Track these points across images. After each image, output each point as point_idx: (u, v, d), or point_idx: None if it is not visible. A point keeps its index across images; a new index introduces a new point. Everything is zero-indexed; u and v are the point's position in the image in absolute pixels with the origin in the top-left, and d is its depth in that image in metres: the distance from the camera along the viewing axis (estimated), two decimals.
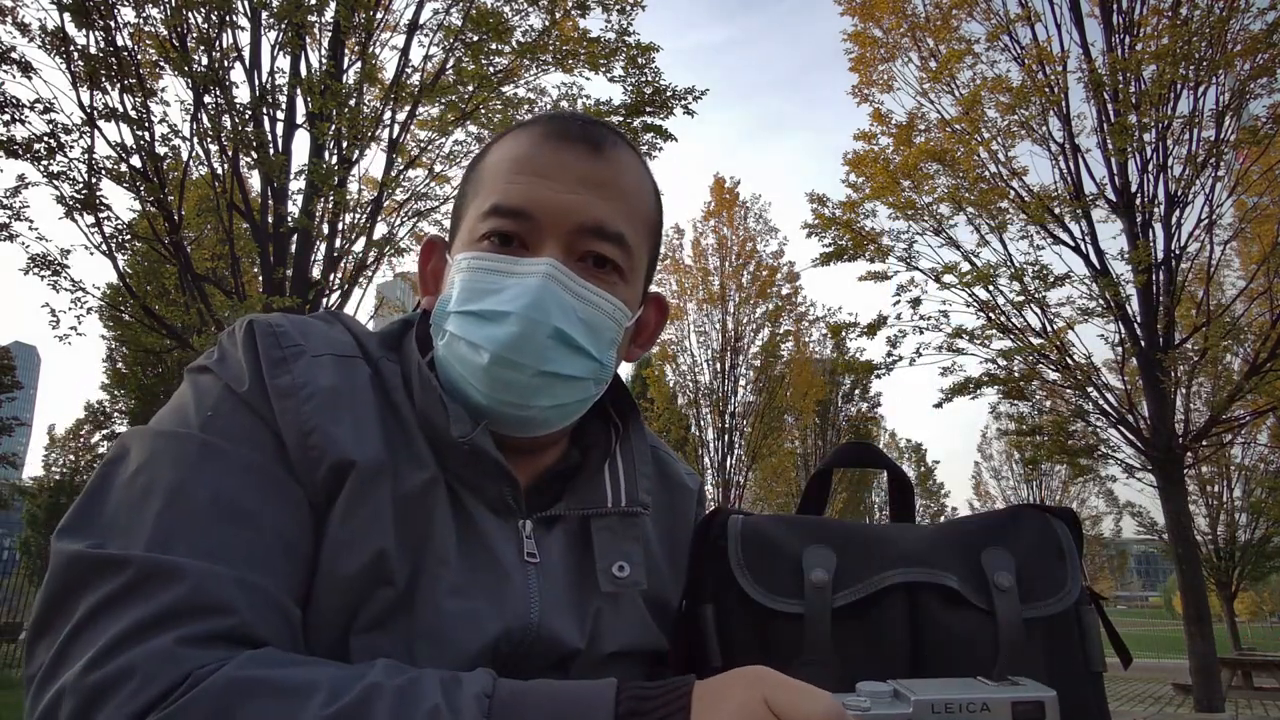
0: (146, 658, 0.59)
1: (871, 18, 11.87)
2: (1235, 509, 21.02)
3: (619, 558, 0.83)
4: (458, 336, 0.81)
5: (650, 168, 0.94)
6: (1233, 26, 9.63)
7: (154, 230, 8.69)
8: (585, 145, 0.84)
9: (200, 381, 0.77)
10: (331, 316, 0.88)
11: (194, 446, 0.71)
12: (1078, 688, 0.89)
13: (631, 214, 0.86)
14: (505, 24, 9.50)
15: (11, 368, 20.06)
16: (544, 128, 0.85)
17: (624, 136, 0.90)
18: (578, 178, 0.82)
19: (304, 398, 0.75)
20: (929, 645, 0.88)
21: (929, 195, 11.37)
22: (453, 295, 0.83)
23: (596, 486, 0.87)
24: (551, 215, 0.81)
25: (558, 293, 0.79)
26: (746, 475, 19.44)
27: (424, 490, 0.77)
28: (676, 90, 10.32)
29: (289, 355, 0.77)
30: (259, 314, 0.82)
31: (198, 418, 0.73)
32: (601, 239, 0.83)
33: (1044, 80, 10.56)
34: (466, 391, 0.82)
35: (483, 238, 0.83)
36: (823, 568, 0.90)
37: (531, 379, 0.79)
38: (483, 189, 0.85)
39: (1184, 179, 10.25)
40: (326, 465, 0.73)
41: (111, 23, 8.11)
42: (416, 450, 0.79)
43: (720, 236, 19.22)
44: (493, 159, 0.87)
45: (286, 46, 9.05)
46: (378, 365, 0.83)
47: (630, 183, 0.87)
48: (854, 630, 0.88)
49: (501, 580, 0.78)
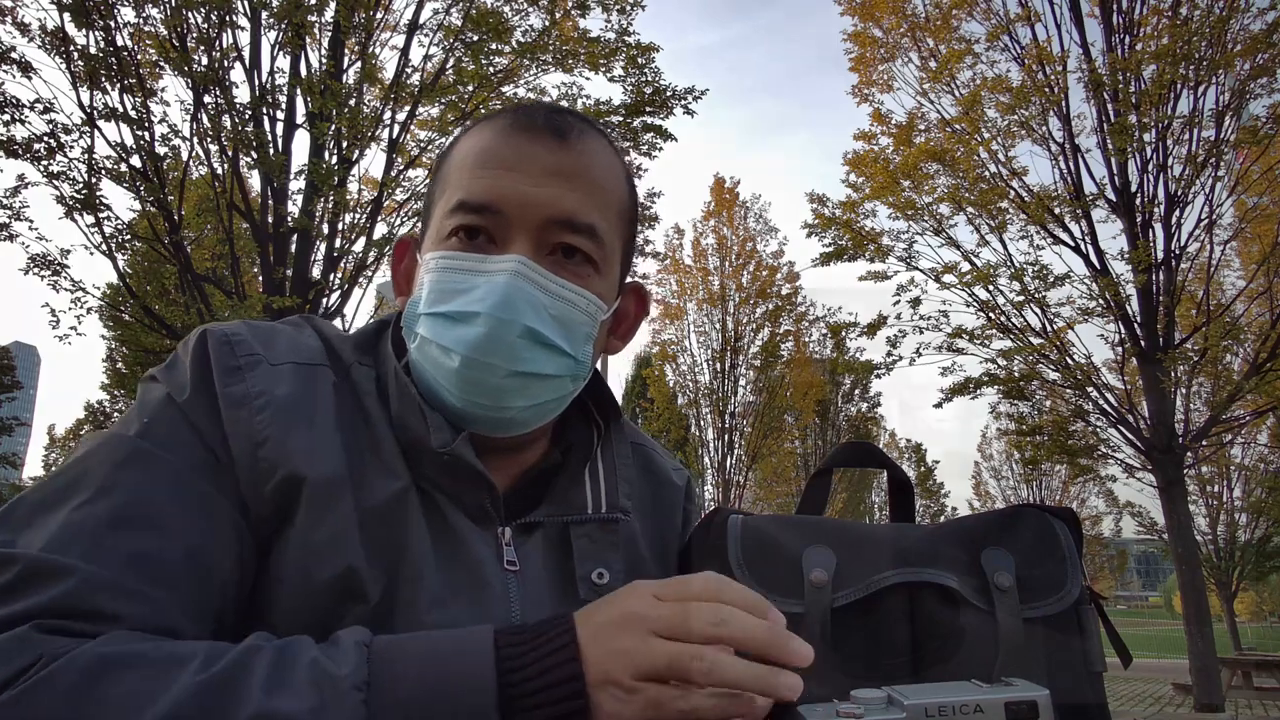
0: (2, 641, 0.57)
1: (871, 18, 11.88)
2: (1235, 509, 21.05)
3: (598, 565, 0.83)
4: (428, 339, 0.80)
5: (621, 152, 0.91)
6: (1233, 26, 9.63)
7: (154, 230, 8.69)
8: (551, 135, 0.81)
9: (147, 389, 0.76)
10: (303, 321, 0.87)
11: (124, 451, 0.70)
12: (1078, 687, 0.89)
13: (602, 203, 0.84)
14: (505, 24, 9.51)
15: (11, 368, 20.08)
16: (509, 119, 0.83)
17: (593, 123, 0.88)
18: (545, 169, 0.80)
19: (257, 407, 0.74)
20: (928, 645, 0.88)
21: (929, 195, 11.38)
22: (422, 296, 0.81)
23: (577, 491, 0.86)
24: (519, 209, 0.79)
25: (528, 290, 0.78)
26: (746, 475, 19.44)
27: (395, 501, 0.76)
28: (676, 90, 10.33)
29: (244, 364, 0.76)
30: (216, 323, 0.81)
31: (136, 424, 0.72)
32: (572, 231, 0.81)
33: (1044, 80, 10.57)
34: (441, 395, 0.80)
35: (450, 235, 0.81)
36: (822, 567, 0.90)
37: (504, 380, 0.78)
38: (449, 185, 0.83)
39: (1184, 179, 10.26)
40: (278, 478, 0.72)
41: (111, 23, 8.11)
42: (387, 459, 0.78)
43: (720, 236, 19.23)
44: (458, 153, 0.85)
45: (286, 46, 9.06)
46: (349, 371, 0.82)
47: (600, 171, 0.84)
48: (853, 630, 0.88)
49: (481, 589, 0.77)
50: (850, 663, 0.85)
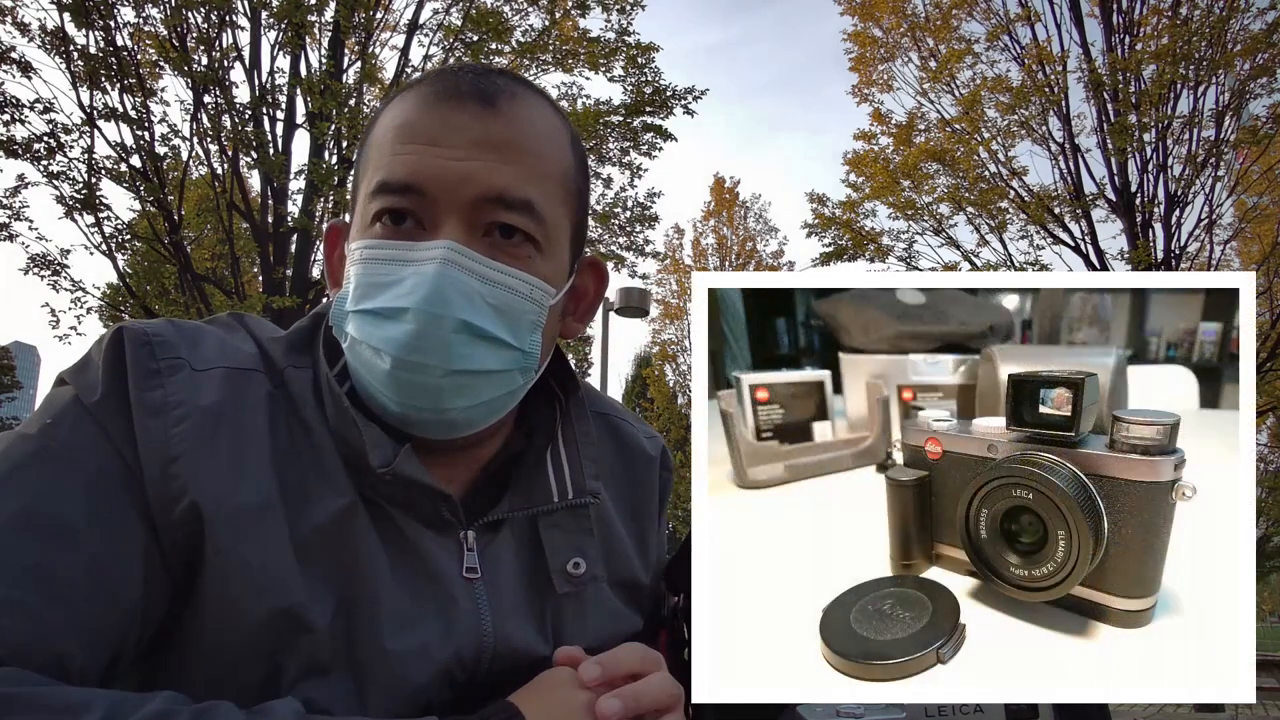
0: None
1: (871, 17, 11.88)
2: None
3: (572, 554, 0.79)
4: (358, 340, 0.72)
5: (563, 112, 0.82)
6: (1233, 26, 9.64)
7: (154, 230, 8.69)
8: (478, 101, 0.73)
9: (55, 392, 0.70)
10: (234, 321, 0.80)
11: (25, 450, 0.65)
12: None
13: (541, 174, 0.75)
14: (505, 24, 9.51)
15: (11, 368, 20.05)
16: (431, 86, 0.75)
17: (528, 84, 0.79)
18: (472, 140, 0.72)
19: (175, 418, 0.67)
20: None
21: (929, 195, 11.38)
22: (349, 292, 0.73)
23: (540, 478, 0.80)
24: (445, 187, 0.71)
25: (460, 278, 0.70)
26: None
27: (340, 519, 0.70)
28: (676, 90, 10.33)
29: (164, 368, 0.69)
30: (135, 321, 0.73)
31: (37, 424, 0.67)
32: (506, 208, 0.72)
33: (1044, 80, 10.57)
34: (378, 399, 0.74)
35: (374, 220, 0.73)
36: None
37: (442, 380, 0.71)
38: (369, 164, 0.75)
39: (1184, 179, 10.26)
40: (187, 501, 0.65)
41: (111, 23, 8.12)
42: (330, 473, 0.71)
43: (720, 236, 19.24)
44: (380, 128, 0.76)
45: (286, 46, 9.05)
46: (283, 376, 0.75)
47: (536, 138, 0.76)
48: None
49: (446, 601, 0.73)
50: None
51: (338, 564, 0.69)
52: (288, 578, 0.66)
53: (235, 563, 0.65)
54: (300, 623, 0.66)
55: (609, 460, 0.90)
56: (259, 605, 0.65)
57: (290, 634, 0.66)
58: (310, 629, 0.66)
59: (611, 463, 0.90)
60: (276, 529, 0.67)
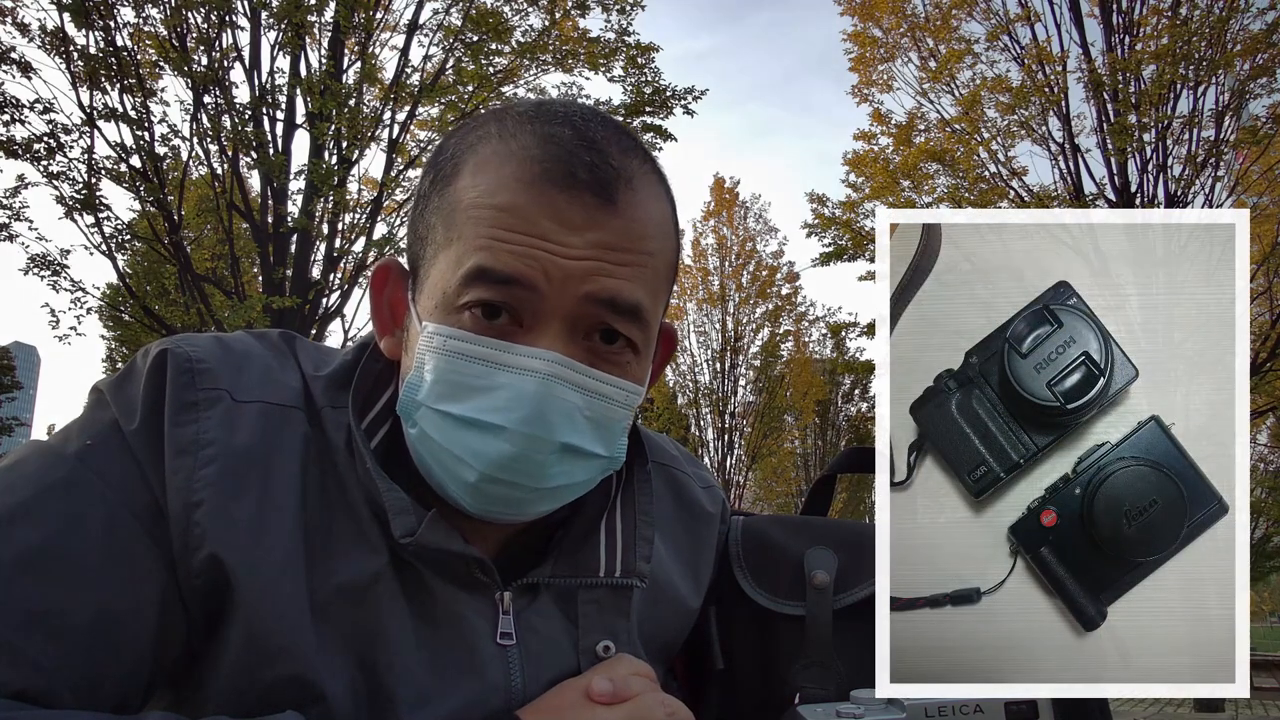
0: None
1: (871, 18, 11.88)
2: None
3: (604, 636, 0.75)
4: (436, 441, 0.67)
5: (668, 182, 0.76)
6: (1232, 26, 9.64)
7: (154, 230, 8.70)
8: (595, 194, 0.65)
9: (95, 408, 0.68)
10: (285, 345, 0.75)
11: (59, 472, 0.63)
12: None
13: (651, 274, 0.69)
14: (505, 24, 9.52)
15: (11, 368, 20.06)
16: (540, 165, 0.66)
17: (638, 153, 0.71)
18: (588, 240, 0.65)
19: (204, 459, 0.64)
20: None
21: (929, 195, 11.38)
22: (425, 382, 0.67)
23: (589, 550, 0.76)
24: (554, 285, 0.65)
25: (562, 396, 0.65)
26: (746, 475, 19.46)
27: (369, 582, 0.67)
28: (676, 90, 10.34)
29: (202, 400, 0.65)
30: (181, 343, 0.69)
31: (77, 443, 0.64)
32: (614, 313, 0.67)
33: (1044, 80, 10.57)
34: (452, 496, 0.69)
35: (464, 307, 0.66)
36: (824, 569, 0.90)
37: (529, 494, 0.68)
38: (458, 231, 0.67)
39: (1184, 179, 10.26)
40: (206, 553, 0.63)
41: (111, 23, 8.12)
42: (361, 528, 0.68)
43: (720, 236, 19.24)
44: (470, 190, 0.68)
45: (286, 46, 9.06)
46: (320, 418, 0.70)
47: (651, 238, 0.69)
48: (856, 632, 0.88)
49: (474, 668, 0.69)
50: (852, 665, 0.85)
51: (358, 626, 0.66)
52: (302, 643, 0.64)
53: (248, 625, 0.64)
54: (311, 692, 0.64)
55: (669, 515, 0.88)
56: (268, 672, 0.64)
57: (301, 703, 0.64)
58: (322, 698, 0.64)
59: (671, 519, 0.89)
60: (295, 590, 0.64)
